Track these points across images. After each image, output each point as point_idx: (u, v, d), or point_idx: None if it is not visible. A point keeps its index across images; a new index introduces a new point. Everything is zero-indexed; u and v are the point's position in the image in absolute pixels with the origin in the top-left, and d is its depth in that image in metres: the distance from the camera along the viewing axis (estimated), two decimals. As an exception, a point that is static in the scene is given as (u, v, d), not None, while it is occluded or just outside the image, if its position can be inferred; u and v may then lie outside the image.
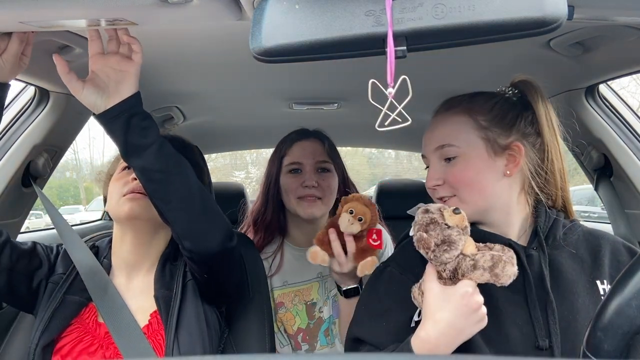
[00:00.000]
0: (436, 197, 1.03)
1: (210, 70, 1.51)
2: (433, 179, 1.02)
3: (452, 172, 0.99)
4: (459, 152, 0.99)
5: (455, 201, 0.99)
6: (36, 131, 1.40)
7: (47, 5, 0.76)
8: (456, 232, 0.87)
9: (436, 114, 1.07)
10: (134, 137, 0.97)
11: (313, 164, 1.55)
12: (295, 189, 1.53)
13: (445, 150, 1.00)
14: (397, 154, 16.65)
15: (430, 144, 1.04)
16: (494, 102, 1.03)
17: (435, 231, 0.87)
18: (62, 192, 17.74)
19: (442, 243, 0.86)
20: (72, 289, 1.13)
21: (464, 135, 1.00)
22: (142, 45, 0.98)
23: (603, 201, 1.69)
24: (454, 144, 1.00)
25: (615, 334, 0.59)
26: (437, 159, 1.02)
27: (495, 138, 0.99)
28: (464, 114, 1.01)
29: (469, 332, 0.85)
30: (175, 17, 0.83)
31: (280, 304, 1.56)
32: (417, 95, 0.66)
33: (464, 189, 0.99)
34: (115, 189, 1.15)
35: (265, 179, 1.63)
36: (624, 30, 1.09)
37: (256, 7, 0.67)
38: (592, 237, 1.03)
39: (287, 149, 1.59)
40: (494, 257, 0.84)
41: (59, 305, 1.10)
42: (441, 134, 1.02)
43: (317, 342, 1.56)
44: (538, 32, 0.63)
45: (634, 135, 1.55)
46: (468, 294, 0.83)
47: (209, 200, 1.06)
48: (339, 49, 0.66)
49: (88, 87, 0.98)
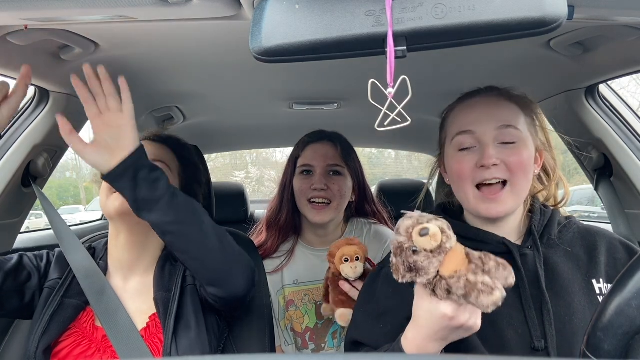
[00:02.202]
0: (483, 178, 0.96)
1: (210, 70, 1.50)
2: (493, 157, 0.95)
3: (515, 154, 0.96)
4: (520, 137, 0.97)
5: (506, 192, 0.96)
6: (36, 131, 1.40)
7: (48, 2, 0.76)
8: (424, 258, 0.78)
9: (484, 95, 1.03)
10: (143, 192, 0.95)
11: (324, 166, 1.55)
12: (306, 190, 1.54)
13: (509, 131, 0.97)
14: (397, 154, 16.65)
15: (489, 121, 0.98)
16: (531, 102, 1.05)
17: (402, 257, 0.79)
18: (62, 192, 17.74)
19: (410, 270, 0.79)
20: (69, 292, 1.13)
21: (522, 123, 0.99)
22: (143, 45, 0.98)
23: (603, 201, 1.69)
24: (518, 127, 0.98)
25: (615, 334, 0.59)
26: (494, 139, 0.97)
27: (535, 135, 1.01)
28: (515, 104, 1.01)
29: (454, 338, 0.82)
30: (175, 15, 0.84)
31: (290, 302, 1.57)
32: (417, 95, 0.66)
33: (520, 175, 0.96)
34: (105, 186, 1.13)
35: (281, 180, 1.64)
36: (624, 30, 1.09)
37: (256, 7, 0.67)
38: (587, 234, 1.03)
39: (300, 150, 1.60)
40: (467, 285, 0.75)
41: (57, 309, 1.09)
42: (504, 114, 0.98)
43: (324, 343, 1.56)
44: (538, 32, 0.63)
45: (634, 135, 1.55)
46: (447, 317, 0.77)
47: (227, 243, 1.04)
48: (339, 49, 0.66)
49: (90, 148, 0.97)
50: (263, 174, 19.78)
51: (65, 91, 1.39)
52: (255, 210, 2.93)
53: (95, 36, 1.14)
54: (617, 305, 0.60)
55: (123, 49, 1.23)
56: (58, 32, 1.07)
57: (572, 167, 5.89)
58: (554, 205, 1.09)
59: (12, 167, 1.38)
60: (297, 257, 1.61)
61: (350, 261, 1.25)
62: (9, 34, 1.02)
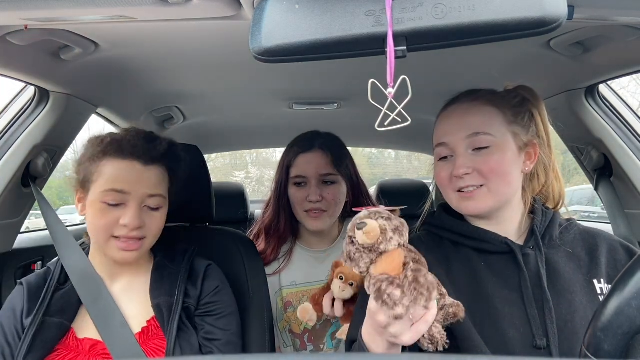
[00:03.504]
0: (459, 187, 0.99)
1: (210, 70, 1.51)
2: (464, 167, 0.97)
3: (487, 161, 0.97)
4: (494, 142, 0.98)
5: (483, 192, 0.97)
6: (36, 131, 1.40)
7: (48, 2, 0.76)
8: (355, 250, 0.81)
9: (458, 102, 1.04)
10: None
11: (317, 177, 1.54)
12: (301, 202, 1.54)
13: (479, 138, 0.98)
14: (397, 154, 16.66)
15: (459, 131, 0.99)
16: (515, 100, 1.03)
17: (345, 245, 0.83)
18: (62, 192, 17.69)
19: (349, 258, 0.82)
20: (50, 309, 1.07)
21: (497, 127, 0.99)
22: (143, 45, 0.98)
23: (603, 201, 1.69)
24: (489, 132, 0.98)
25: (615, 334, 0.59)
26: (466, 147, 0.98)
27: (518, 133, 1.00)
28: (492, 106, 1.01)
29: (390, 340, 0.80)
30: (175, 15, 0.84)
31: (288, 303, 1.57)
32: (417, 95, 0.66)
33: (495, 180, 0.97)
34: (101, 225, 1.06)
35: (276, 188, 1.62)
36: (624, 30, 1.09)
37: (256, 7, 0.67)
38: (588, 236, 1.04)
39: (292, 159, 1.58)
40: (377, 291, 0.77)
41: (39, 328, 1.04)
42: (474, 122, 0.99)
43: (323, 344, 1.56)
44: (538, 32, 0.63)
45: (634, 135, 1.55)
46: (371, 311, 0.80)
47: None
48: (339, 49, 0.66)
49: None
50: (263, 174, 19.78)
51: (65, 91, 1.39)
52: (255, 210, 2.93)
53: (95, 36, 1.14)
54: (617, 305, 0.60)
55: (123, 49, 1.23)
56: (58, 32, 1.07)
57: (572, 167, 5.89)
58: (553, 208, 1.09)
59: (12, 167, 1.38)
60: (295, 259, 1.61)
61: (344, 281, 1.23)
62: (9, 34, 1.02)
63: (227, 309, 1.19)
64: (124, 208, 1.06)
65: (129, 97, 1.69)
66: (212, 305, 1.17)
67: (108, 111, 1.71)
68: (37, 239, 1.83)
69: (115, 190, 1.05)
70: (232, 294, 1.24)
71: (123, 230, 1.06)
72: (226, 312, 1.18)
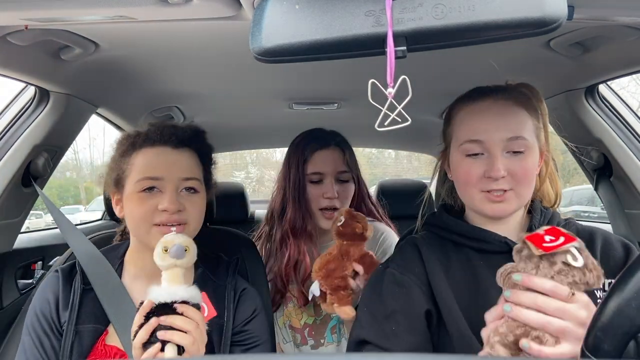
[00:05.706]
0: (490, 188, 0.97)
1: (211, 71, 1.51)
2: (501, 170, 0.95)
3: (522, 166, 0.96)
4: (527, 146, 0.97)
5: (511, 195, 0.97)
6: (36, 131, 1.40)
7: (48, 2, 0.76)
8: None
9: (490, 99, 1.01)
10: None
11: (334, 174, 1.54)
12: (317, 199, 1.53)
13: (517, 142, 0.96)
14: (397, 154, 16.67)
15: (497, 131, 0.97)
16: (532, 101, 1.03)
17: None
18: (62, 192, 17.73)
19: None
20: (81, 317, 1.06)
21: (529, 131, 0.99)
22: (143, 45, 0.98)
23: (603, 201, 1.69)
24: (526, 137, 0.97)
25: (615, 334, 0.59)
26: (502, 149, 0.97)
27: (540, 136, 1.01)
28: (524, 108, 1.00)
29: None
30: (175, 15, 0.84)
31: (289, 297, 1.56)
32: (417, 95, 0.66)
33: (524, 184, 0.97)
34: (140, 214, 1.04)
35: (293, 186, 1.56)
36: (624, 30, 1.09)
37: (256, 7, 0.67)
38: (584, 234, 1.04)
39: (309, 155, 1.56)
40: None
41: (74, 339, 1.03)
42: (513, 124, 0.98)
43: (323, 339, 1.56)
44: (538, 32, 0.63)
45: (633, 135, 1.55)
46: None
47: None
48: (339, 49, 0.66)
49: None
50: (263, 174, 19.79)
51: (65, 91, 1.39)
52: (256, 210, 2.93)
53: (95, 36, 1.14)
54: (617, 305, 0.60)
55: (123, 49, 1.23)
56: (58, 32, 1.07)
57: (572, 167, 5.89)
58: (551, 207, 1.09)
59: (12, 167, 1.38)
60: None
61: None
62: (9, 34, 1.02)
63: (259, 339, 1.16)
64: (161, 194, 1.05)
65: (129, 97, 1.69)
66: (244, 335, 1.13)
67: (108, 111, 1.72)
68: (37, 239, 1.84)
69: (149, 177, 1.05)
70: (266, 320, 1.20)
71: (163, 216, 1.04)
72: (258, 342, 1.15)
